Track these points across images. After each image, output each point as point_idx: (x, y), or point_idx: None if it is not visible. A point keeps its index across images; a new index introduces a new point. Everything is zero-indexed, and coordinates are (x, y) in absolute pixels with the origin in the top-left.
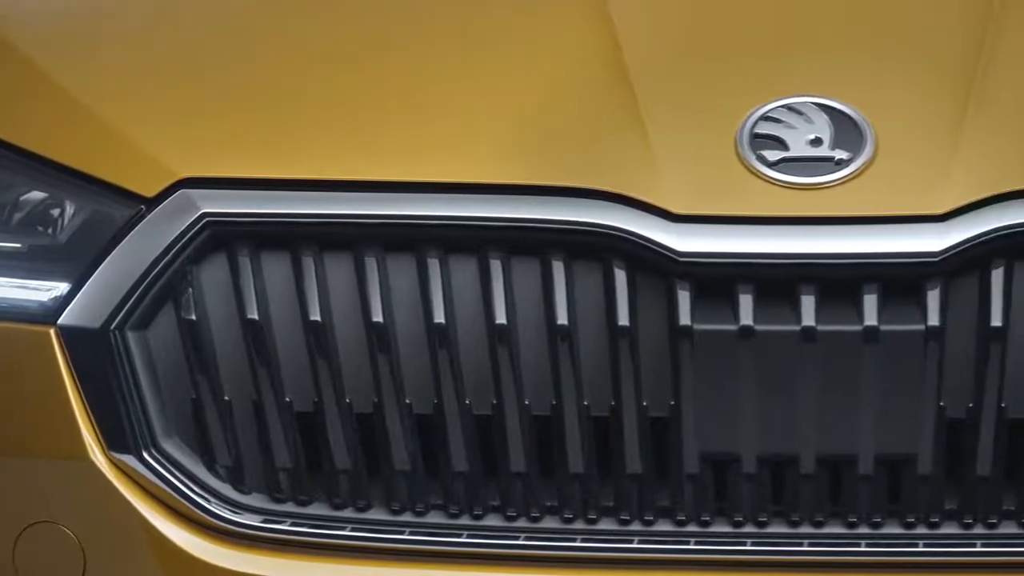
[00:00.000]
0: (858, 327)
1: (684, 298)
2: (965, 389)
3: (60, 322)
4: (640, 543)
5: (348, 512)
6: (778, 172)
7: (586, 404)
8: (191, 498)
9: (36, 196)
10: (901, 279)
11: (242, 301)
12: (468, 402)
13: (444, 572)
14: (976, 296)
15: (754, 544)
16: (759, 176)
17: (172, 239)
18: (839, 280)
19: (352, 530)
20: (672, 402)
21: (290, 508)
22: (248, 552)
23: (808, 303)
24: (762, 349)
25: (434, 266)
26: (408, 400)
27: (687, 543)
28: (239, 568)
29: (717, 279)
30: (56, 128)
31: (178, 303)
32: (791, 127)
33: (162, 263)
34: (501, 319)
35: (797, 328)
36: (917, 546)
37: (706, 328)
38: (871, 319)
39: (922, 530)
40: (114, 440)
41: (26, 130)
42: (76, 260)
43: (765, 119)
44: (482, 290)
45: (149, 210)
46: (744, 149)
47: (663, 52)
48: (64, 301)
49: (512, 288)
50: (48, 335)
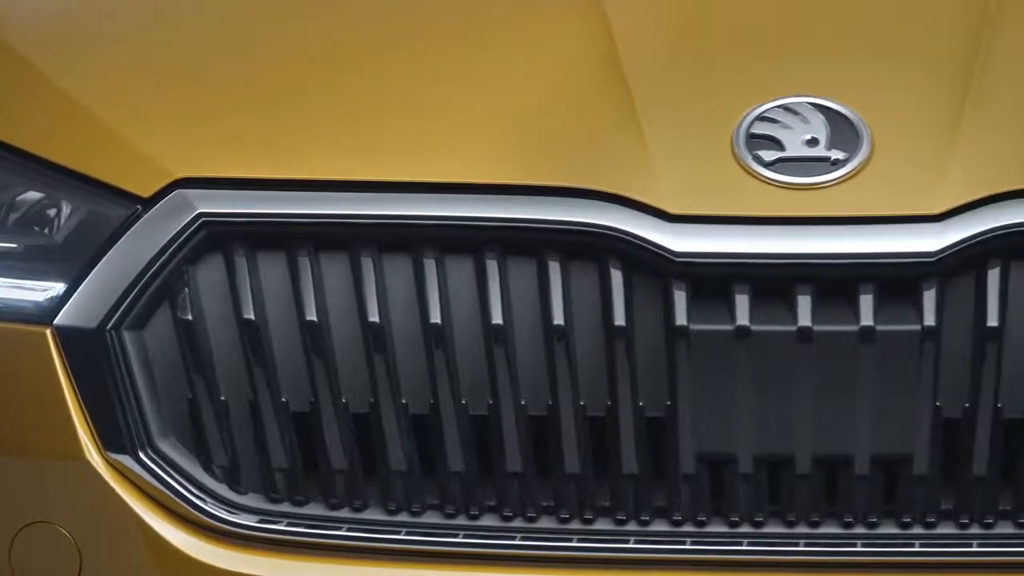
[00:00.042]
0: (854, 327)
1: (680, 298)
2: (961, 389)
3: (56, 322)
4: (636, 543)
5: (344, 512)
6: (774, 172)
7: (582, 404)
8: (187, 498)
9: (32, 196)
10: (897, 279)
11: (238, 301)
12: (464, 402)
13: (440, 572)
14: (972, 296)
15: (750, 544)
16: (755, 176)
17: (168, 239)
18: (835, 280)
19: (348, 530)
20: (668, 402)
21: (286, 508)
22: (244, 552)
23: (804, 303)
24: (758, 349)
25: (430, 266)
26: (404, 400)
27: (683, 543)
28: (235, 568)
29: (713, 279)
30: (52, 128)
31: (174, 303)
32: (787, 127)
33: (158, 263)
34: (497, 319)
35: (793, 328)
36: (913, 546)
37: (702, 328)
38: (867, 319)
39: (918, 530)
40: (110, 440)
41: (23, 130)
42: (72, 260)
43: (761, 119)
44: (478, 290)
45: (145, 210)
46: (740, 149)
47: (659, 52)
48: (60, 301)
49: (508, 288)
50: (44, 335)
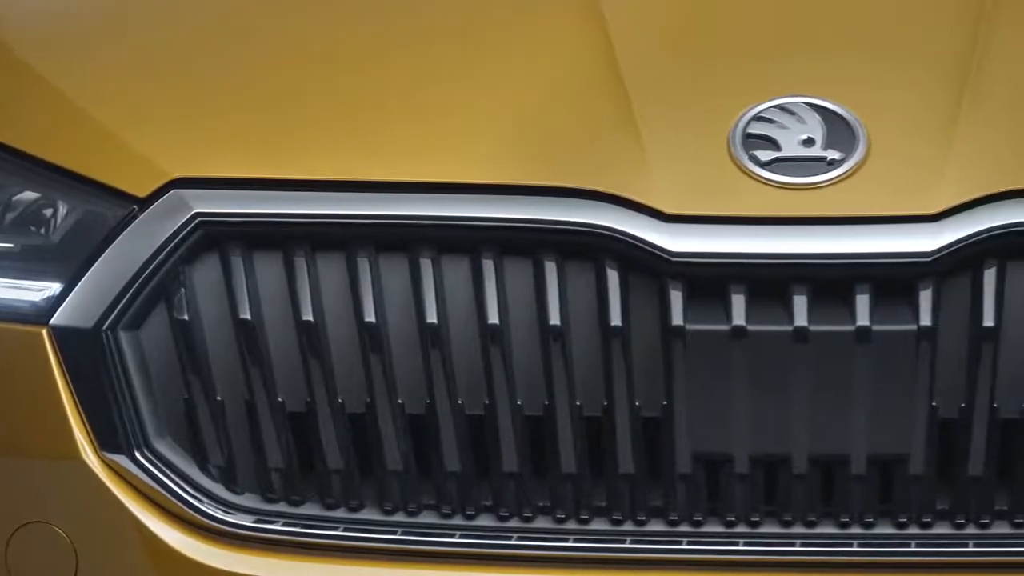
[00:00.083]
0: (850, 327)
1: (676, 298)
2: (957, 389)
3: (52, 322)
4: (632, 543)
5: (340, 512)
6: (771, 172)
7: (578, 404)
8: (183, 498)
9: (29, 196)
10: (893, 279)
11: (234, 301)
12: (460, 402)
13: (437, 572)
14: (968, 296)
15: (746, 544)
16: (751, 176)
17: (164, 239)
18: (831, 280)
19: (344, 530)
20: (664, 402)
21: (282, 508)
22: (240, 552)
23: (800, 303)
24: (754, 349)
25: (426, 266)
26: (400, 400)
27: (679, 543)
28: (231, 568)
29: (709, 279)
30: (49, 128)
31: (170, 303)
32: (783, 127)
33: (154, 263)
34: (493, 319)
35: (789, 328)
36: (909, 546)
37: (698, 328)
38: (863, 319)
39: (914, 530)
40: (106, 440)
41: (19, 130)
42: (68, 260)
43: (758, 119)
44: (474, 290)
45: (141, 210)
46: (737, 149)
47: (656, 53)
48: (56, 301)
49: (504, 288)
50: (40, 335)
